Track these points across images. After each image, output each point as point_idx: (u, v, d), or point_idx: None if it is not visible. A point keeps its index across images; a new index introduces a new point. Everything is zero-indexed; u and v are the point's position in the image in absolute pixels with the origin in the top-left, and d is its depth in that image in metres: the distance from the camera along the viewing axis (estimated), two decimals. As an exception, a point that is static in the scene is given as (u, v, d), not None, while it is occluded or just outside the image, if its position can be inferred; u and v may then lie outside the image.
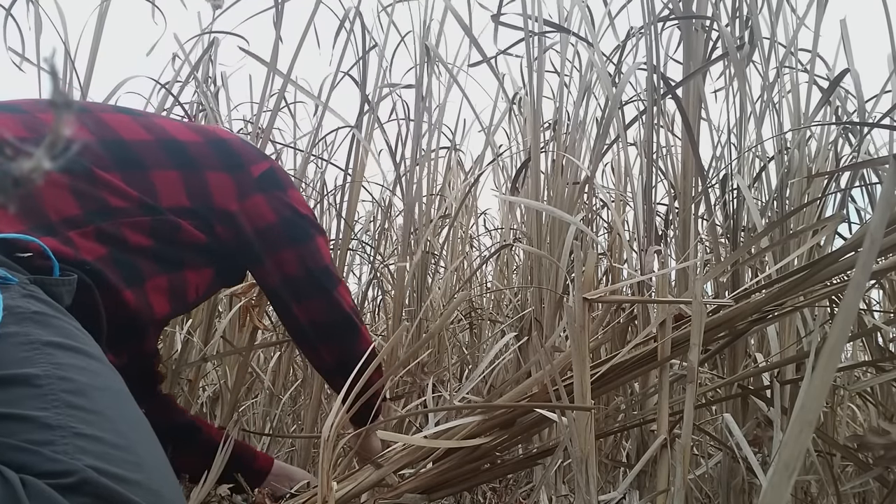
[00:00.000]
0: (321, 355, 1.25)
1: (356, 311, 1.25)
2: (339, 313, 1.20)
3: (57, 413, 0.66)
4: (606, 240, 2.03)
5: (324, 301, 1.18)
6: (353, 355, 1.16)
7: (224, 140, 1.15)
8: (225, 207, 1.09)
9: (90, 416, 0.68)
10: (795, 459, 0.45)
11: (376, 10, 1.92)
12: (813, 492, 1.28)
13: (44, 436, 0.64)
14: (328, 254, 1.21)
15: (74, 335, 0.77)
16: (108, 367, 0.77)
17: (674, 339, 0.98)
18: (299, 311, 1.19)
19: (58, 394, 0.67)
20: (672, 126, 1.69)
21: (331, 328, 1.21)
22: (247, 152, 1.16)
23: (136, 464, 0.67)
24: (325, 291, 1.18)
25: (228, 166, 1.10)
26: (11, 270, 0.76)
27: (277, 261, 1.14)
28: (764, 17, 1.49)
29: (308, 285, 1.16)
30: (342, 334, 1.22)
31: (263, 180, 1.13)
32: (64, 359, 0.71)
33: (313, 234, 1.17)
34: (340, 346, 1.22)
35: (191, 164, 1.07)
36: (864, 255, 0.43)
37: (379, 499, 1.02)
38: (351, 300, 1.24)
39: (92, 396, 0.70)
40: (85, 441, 0.65)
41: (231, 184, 1.10)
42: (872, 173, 1.49)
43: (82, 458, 0.63)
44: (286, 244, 1.13)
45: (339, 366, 1.22)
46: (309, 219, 1.17)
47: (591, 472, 0.85)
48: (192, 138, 1.10)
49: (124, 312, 0.97)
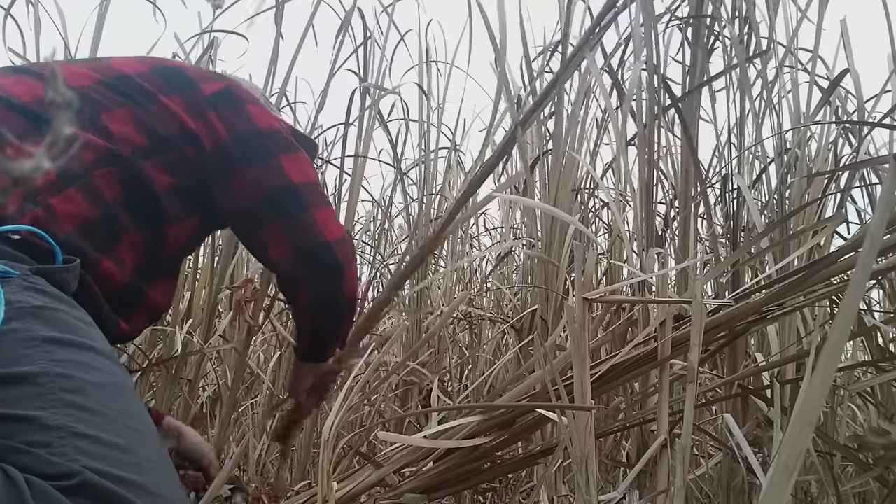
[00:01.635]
0: (297, 299, 1.09)
1: (343, 244, 1.06)
2: (309, 243, 1.03)
3: (55, 413, 0.65)
4: (606, 240, 2.03)
5: (286, 227, 1.03)
6: (330, 301, 1.04)
7: (174, 66, 1.07)
8: (185, 128, 1.00)
9: (89, 415, 0.67)
10: (795, 459, 0.45)
11: (376, 11, 1.92)
12: (813, 492, 1.28)
13: (42, 437, 0.63)
14: (301, 173, 1.05)
15: (77, 329, 0.75)
16: (111, 362, 0.76)
17: (674, 339, 0.98)
18: (260, 242, 1.06)
19: (57, 392, 0.66)
20: (672, 126, 1.69)
21: (300, 261, 1.04)
22: (199, 73, 1.07)
23: (137, 465, 0.66)
24: (286, 215, 1.02)
25: (179, 88, 1.02)
26: (13, 262, 0.74)
27: (235, 182, 1.02)
28: (764, 16, 1.49)
29: (265, 209, 1.02)
30: (316, 269, 1.05)
31: (217, 97, 1.03)
32: (64, 355, 0.70)
33: (274, 152, 1.03)
34: (313, 284, 1.07)
35: (141, 94, 0.98)
36: (864, 255, 0.43)
37: (379, 499, 1.02)
38: (335, 229, 1.06)
39: (92, 394, 0.69)
40: (84, 441, 0.64)
41: (183, 104, 1.01)
42: (872, 173, 1.49)
43: (81, 460, 0.63)
44: (241, 163, 1.02)
45: (312, 309, 1.08)
46: (271, 135, 1.04)
47: (591, 472, 0.85)
48: (140, 69, 1.01)
49: (109, 285, 0.92)
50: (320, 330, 1.17)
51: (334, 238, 1.04)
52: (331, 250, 1.03)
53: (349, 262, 1.07)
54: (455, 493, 1.28)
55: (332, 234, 1.04)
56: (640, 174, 1.23)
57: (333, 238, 1.04)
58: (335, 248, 1.04)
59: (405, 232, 2.41)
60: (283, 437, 1.36)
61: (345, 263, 1.06)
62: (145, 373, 1.62)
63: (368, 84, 1.83)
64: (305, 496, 1.09)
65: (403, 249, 2.43)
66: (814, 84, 1.46)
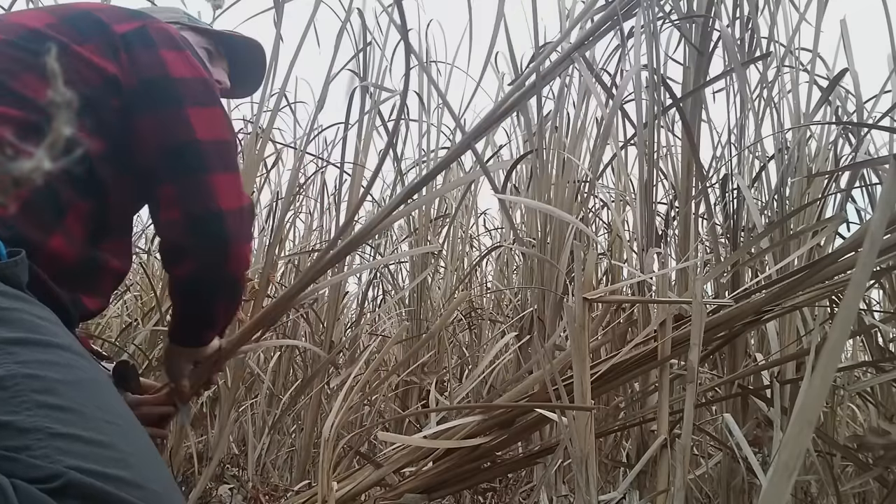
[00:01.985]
0: (175, 271, 0.99)
1: (238, 216, 0.96)
2: (199, 208, 0.93)
3: (30, 415, 0.63)
4: (606, 240, 2.03)
5: (179, 187, 0.93)
6: (210, 277, 0.96)
7: (85, 9, 0.97)
8: (106, 76, 0.92)
9: (65, 414, 0.65)
10: (795, 459, 0.45)
11: (376, 11, 1.92)
12: (813, 492, 1.28)
13: (19, 441, 0.61)
14: (209, 130, 0.95)
15: (37, 327, 0.71)
16: (78, 357, 0.73)
17: (674, 339, 0.98)
18: (154, 204, 0.97)
19: (27, 394, 0.64)
20: (672, 126, 1.69)
21: (187, 229, 0.94)
22: (110, 13, 0.97)
23: (121, 460, 0.65)
24: (183, 174, 0.93)
25: (92, 33, 0.93)
26: None
27: (138, 132, 0.93)
28: (764, 16, 1.49)
29: (162, 164, 0.93)
30: (202, 238, 0.94)
31: (129, 37, 0.94)
32: (29, 356, 0.67)
33: (183, 102, 0.93)
34: (195, 256, 0.96)
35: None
36: (864, 254, 0.43)
37: (379, 499, 1.02)
38: (233, 198, 0.95)
39: (64, 393, 0.66)
40: (63, 441, 0.63)
41: (98, 50, 0.92)
42: (872, 173, 1.49)
43: (63, 460, 0.61)
44: (143, 110, 0.93)
45: (188, 284, 0.98)
46: (184, 83, 0.95)
47: (591, 472, 0.85)
48: (49, 20, 0.93)
49: (61, 263, 0.86)
50: (195, 310, 1.05)
51: (229, 208, 0.94)
52: (221, 220, 0.93)
53: (240, 238, 0.97)
54: (455, 492, 1.28)
55: (228, 204, 0.94)
56: (640, 174, 1.23)
57: (228, 208, 0.94)
58: (227, 218, 0.94)
59: (405, 232, 2.41)
60: (157, 424, 1.19)
61: (234, 237, 0.95)
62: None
63: (368, 84, 1.83)
64: (305, 496, 1.09)
65: (403, 250, 2.43)
66: (813, 84, 1.46)
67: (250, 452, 1.84)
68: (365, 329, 2.30)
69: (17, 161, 0.25)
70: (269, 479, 1.88)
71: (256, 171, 1.86)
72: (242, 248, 0.99)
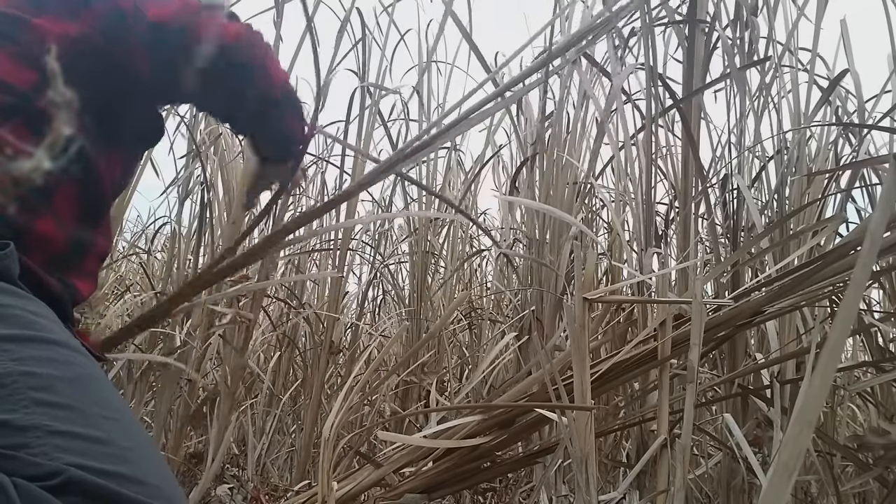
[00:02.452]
0: (237, 120, 1.03)
1: (251, 40, 0.97)
2: (217, 50, 0.92)
3: (27, 413, 0.63)
4: (606, 240, 2.03)
5: (205, 70, 0.91)
6: (249, 96, 0.96)
7: None
8: (73, 39, 0.89)
9: (62, 411, 0.65)
10: (795, 459, 0.45)
11: (376, 11, 1.92)
12: (813, 492, 1.28)
13: (17, 439, 0.61)
14: (185, 9, 0.93)
15: (32, 323, 0.71)
16: (75, 352, 0.72)
17: (674, 339, 0.98)
18: (200, 99, 1.00)
19: (24, 392, 0.64)
20: (672, 126, 1.69)
21: (222, 79, 0.95)
22: None
23: (120, 456, 0.65)
24: (186, 51, 0.91)
25: (46, 2, 0.89)
26: None
27: (122, 67, 0.91)
28: (763, 15, 1.49)
29: (158, 71, 0.92)
30: (233, 77, 0.96)
31: None
32: (25, 353, 0.67)
33: (148, 6, 0.91)
34: (229, 91, 0.98)
35: (10, 26, 0.87)
36: (864, 254, 0.43)
37: (379, 499, 1.02)
38: (237, 35, 0.96)
39: (61, 390, 0.66)
40: (61, 439, 0.62)
41: (58, 18, 0.89)
42: (872, 173, 1.49)
43: (62, 457, 0.61)
44: (117, 42, 0.90)
45: (251, 104, 0.98)
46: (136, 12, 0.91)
47: (591, 472, 0.85)
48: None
49: (50, 247, 0.85)
50: (272, 127, 1.07)
51: (233, 41, 0.94)
52: (239, 50, 0.95)
53: (266, 59, 0.99)
54: (455, 492, 1.28)
55: (228, 39, 0.94)
56: (640, 174, 1.23)
57: (232, 41, 0.94)
58: (240, 49, 0.95)
59: (405, 232, 2.41)
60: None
61: (254, 60, 0.98)
62: (145, 373, 1.62)
63: (368, 83, 1.83)
64: (305, 496, 1.09)
65: (403, 250, 2.43)
66: (813, 84, 1.46)
67: (250, 452, 1.84)
68: (365, 329, 2.30)
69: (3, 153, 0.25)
70: (269, 479, 1.88)
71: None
72: (271, 60, 1.01)
